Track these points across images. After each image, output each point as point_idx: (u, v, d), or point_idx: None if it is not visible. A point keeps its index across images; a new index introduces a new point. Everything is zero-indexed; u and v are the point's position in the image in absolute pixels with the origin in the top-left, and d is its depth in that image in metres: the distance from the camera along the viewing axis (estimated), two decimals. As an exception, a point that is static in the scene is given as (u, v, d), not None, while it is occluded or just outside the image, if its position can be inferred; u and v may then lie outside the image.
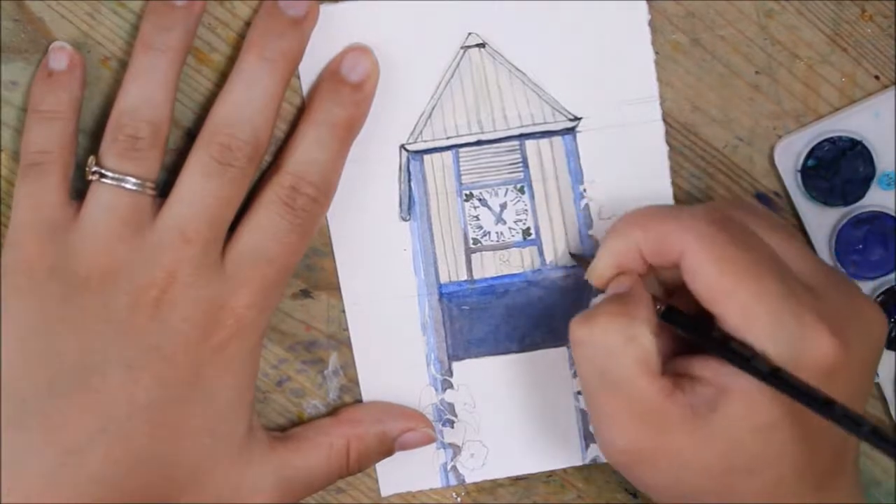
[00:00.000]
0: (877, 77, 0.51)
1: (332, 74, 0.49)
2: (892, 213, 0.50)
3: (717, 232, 0.42)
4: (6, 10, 0.50)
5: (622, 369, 0.42)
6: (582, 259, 0.50)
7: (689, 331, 0.44)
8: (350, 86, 0.48)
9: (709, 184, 0.51)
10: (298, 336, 0.52)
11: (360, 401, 0.52)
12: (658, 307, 0.44)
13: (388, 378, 0.51)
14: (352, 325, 0.51)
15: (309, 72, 0.50)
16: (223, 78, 0.50)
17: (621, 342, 0.42)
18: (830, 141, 0.50)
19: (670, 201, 0.50)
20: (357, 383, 0.52)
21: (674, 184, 0.51)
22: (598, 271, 0.45)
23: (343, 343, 0.52)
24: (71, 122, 0.48)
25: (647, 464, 0.43)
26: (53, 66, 0.48)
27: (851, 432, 0.39)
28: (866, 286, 0.51)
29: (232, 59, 0.50)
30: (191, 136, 0.51)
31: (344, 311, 0.51)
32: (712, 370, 0.42)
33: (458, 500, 0.53)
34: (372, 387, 0.52)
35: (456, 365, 0.51)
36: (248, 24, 0.50)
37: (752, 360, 0.41)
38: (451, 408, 0.52)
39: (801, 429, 0.42)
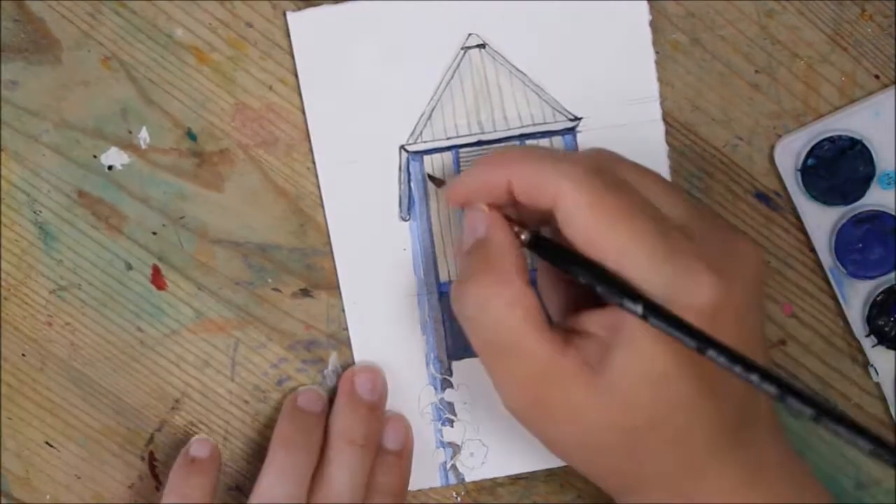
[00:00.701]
0: (877, 76, 0.51)
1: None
2: (892, 213, 0.50)
3: (593, 178, 0.41)
4: (6, 10, 0.50)
5: (508, 333, 0.41)
6: (437, 180, 0.49)
7: (558, 259, 0.42)
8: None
9: (709, 183, 0.51)
10: (298, 336, 0.52)
11: (360, 400, 0.52)
12: (524, 237, 0.43)
13: (387, 377, 0.51)
14: (352, 325, 0.51)
15: (308, 71, 0.50)
16: (223, 78, 0.50)
17: (503, 308, 0.41)
18: (830, 140, 0.50)
19: (670, 201, 0.50)
20: (357, 383, 0.52)
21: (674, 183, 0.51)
22: (457, 191, 0.44)
23: (343, 343, 0.52)
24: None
25: (549, 421, 0.43)
26: (195, 453, 0.50)
27: (735, 372, 0.38)
28: (866, 285, 0.51)
29: (232, 59, 0.50)
30: (191, 136, 0.51)
31: (344, 311, 0.51)
32: (599, 323, 0.41)
33: (458, 499, 0.53)
34: (372, 386, 0.52)
35: (455, 364, 0.51)
36: (248, 24, 0.50)
37: (626, 297, 0.40)
38: (450, 407, 0.52)
39: (699, 380, 0.40)
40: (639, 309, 0.39)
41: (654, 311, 0.39)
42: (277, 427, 0.50)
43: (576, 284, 0.43)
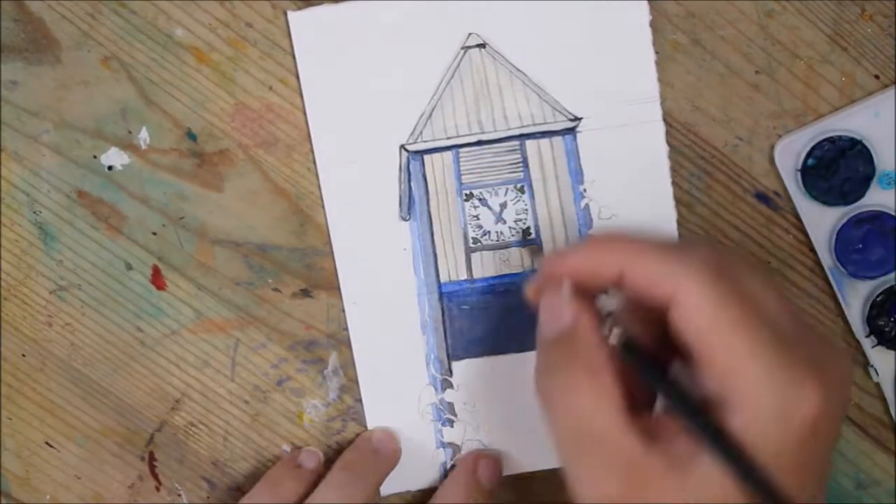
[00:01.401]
0: (877, 77, 0.50)
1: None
2: (892, 213, 0.50)
3: (716, 281, 0.41)
4: (6, 10, 0.50)
5: (595, 426, 0.41)
6: (535, 250, 0.49)
7: (644, 371, 0.42)
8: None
9: (709, 183, 0.51)
10: (298, 336, 0.52)
11: (360, 400, 0.52)
12: (616, 336, 0.42)
13: (387, 378, 0.51)
14: (352, 325, 0.51)
15: (309, 71, 0.50)
16: (223, 78, 0.50)
17: (589, 400, 0.41)
18: (830, 140, 0.50)
19: (670, 201, 0.50)
20: (357, 383, 0.52)
21: (674, 183, 0.51)
22: (558, 266, 0.43)
23: (343, 343, 0.52)
24: None
25: None
26: (304, 462, 0.52)
27: None
28: (866, 286, 0.51)
29: (232, 59, 0.50)
30: (191, 136, 0.51)
31: (344, 311, 0.51)
32: None
33: (458, 499, 0.53)
34: (372, 387, 0.52)
35: (456, 365, 0.51)
36: (248, 24, 0.50)
37: (708, 422, 0.40)
38: (450, 407, 0.52)
39: (792, 477, 0.40)
40: (709, 436, 0.39)
41: (723, 445, 0.39)
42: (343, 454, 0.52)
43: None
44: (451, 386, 0.52)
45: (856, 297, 0.51)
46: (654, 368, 0.42)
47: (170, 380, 0.52)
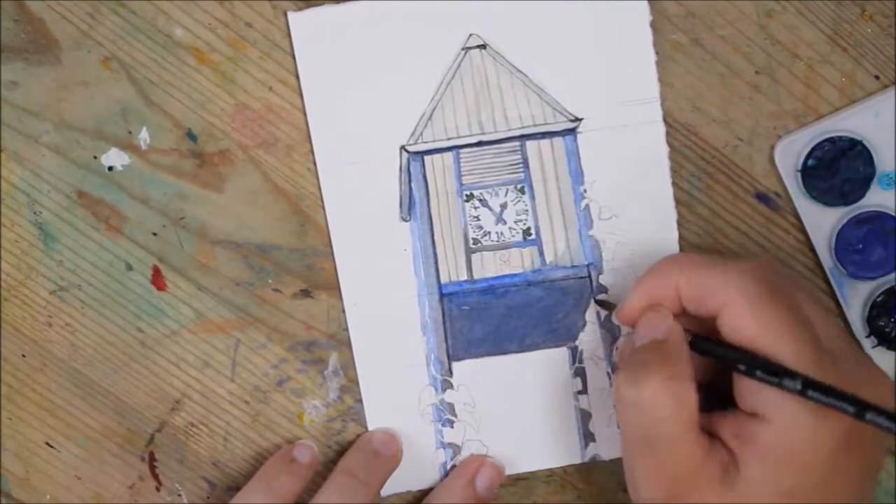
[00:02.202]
0: (877, 77, 0.50)
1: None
2: (892, 213, 0.50)
3: (762, 291, 0.43)
4: (6, 10, 0.50)
5: (669, 432, 0.43)
6: (607, 304, 0.50)
7: (723, 357, 0.44)
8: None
9: (709, 184, 0.51)
10: (298, 336, 0.52)
11: (360, 401, 0.52)
12: (686, 337, 0.45)
13: (388, 378, 0.51)
14: (352, 325, 0.51)
15: (309, 71, 0.50)
16: (223, 78, 0.50)
17: (672, 406, 0.43)
18: (830, 141, 0.50)
19: (670, 201, 0.50)
20: (357, 383, 0.52)
21: (674, 184, 0.51)
22: (629, 310, 0.46)
23: (343, 343, 0.52)
24: None
25: None
26: (298, 456, 0.51)
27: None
28: (866, 286, 0.51)
29: (232, 60, 0.50)
30: (191, 136, 0.51)
31: (344, 311, 0.51)
32: (729, 430, 0.43)
33: (459, 499, 0.53)
34: (372, 387, 0.52)
35: (456, 365, 0.51)
36: (248, 24, 0.50)
37: (786, 373, 0.42)
38: (450, 408, 0.52)
39: (823, 492, 0.42)
40: (798, 385, 0.41)
41: (813, 385, 0.41)
42: (344, 456, 0.52)
43: (705, 385, 0.45)
44: (451, 386, 0.52)
45: (856, 298, 0.51)
46: (726, 347, 0.44)
47: (170, 380, 0.52)
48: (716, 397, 0.45)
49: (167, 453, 0.53)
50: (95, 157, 0.51)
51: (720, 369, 0.45)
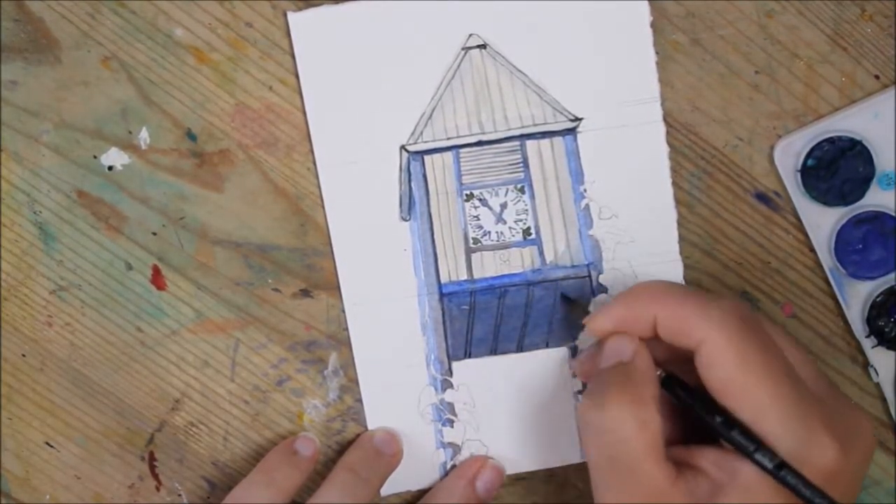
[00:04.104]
0: (877, 77, 0.51)
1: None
2: (892, 213, 0.50)
3: (743, 329, 0.43)
4: (6, 10, 0.50)
5: (632, 455, 0.43)
6: (573, 303, 0.50)
7: (690, 401, 0.44)
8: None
9: (709, 184, 0.51)
10: (298, 336, 0.52)
11: (360, 401, 0.52)
12: (658, 373, 0.45)
13: (388, 378, 0.51)
14: (352, 325, 0.51)
15: (309, 71, 0.50)
16: (223, 78, 0.50)
17: (634, 429, 0.42)
18: (830, 141, 0.50)
19: (670, 201, 0.50)
20: (357, 383, 0.52)
21: (674, 184, 0.51)
22: (598, 324, 0.46)
23: (343, 343, 0.52)
24: (287, 498, 0.50)
25: None
26: (300, 448, 0.51)
27: None
28: (866, 286, 0.51)
29: (232, 59, 0.50)
30: (191, 136, 0.51)
31: (344, 311, 0.51)
32: (711, 461, 0.43)
33: (458, 499, 0.53)
34: (372, 387, 0.52)
35: (456, 365, 0.52)
36: (248, 24, 0.50)
37: (758, 449, 0.42)
38: (450, 407, 0.52)
39: None
40: (768, 463, 0.41)
41: (785, 468, 0.41)
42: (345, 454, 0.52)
43: (685, 417, 0.45)
44: (451, 386, 0.52)
45: (856, 298, 0.51)
46: (700, 399, 0.44)
47: (170, 380, 0.52)
48: (692, 429, 0.45)
49: (167, 453, 0.53)
50: (95, 157, 0.51)
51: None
